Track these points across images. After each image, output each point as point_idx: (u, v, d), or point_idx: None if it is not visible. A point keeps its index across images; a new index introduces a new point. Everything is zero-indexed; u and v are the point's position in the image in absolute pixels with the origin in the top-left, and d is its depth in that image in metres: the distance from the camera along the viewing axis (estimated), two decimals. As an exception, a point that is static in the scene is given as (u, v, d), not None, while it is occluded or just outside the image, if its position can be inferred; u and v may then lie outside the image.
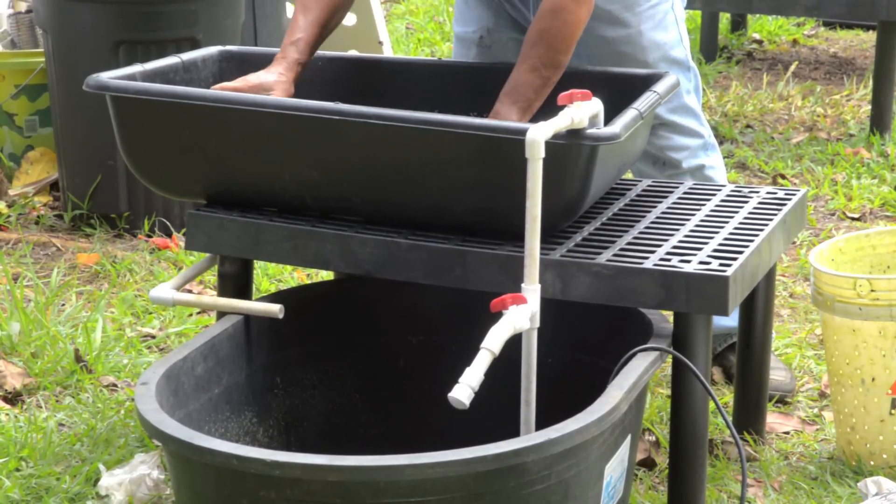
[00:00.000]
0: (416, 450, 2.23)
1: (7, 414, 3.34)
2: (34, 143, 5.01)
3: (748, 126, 5.81)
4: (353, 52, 4.04)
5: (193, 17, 4.51)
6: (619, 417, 2.43)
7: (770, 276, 3.15)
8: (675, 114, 3.37)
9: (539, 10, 2.98)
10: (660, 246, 2.79)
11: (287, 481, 2.20)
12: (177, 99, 2.91)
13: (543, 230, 2.51)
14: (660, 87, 2.98)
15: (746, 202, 3.08)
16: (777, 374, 3.43)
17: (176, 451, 2.35)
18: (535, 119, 2.87)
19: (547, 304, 2.55)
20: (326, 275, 3.91)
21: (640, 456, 3.10)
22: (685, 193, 3.14)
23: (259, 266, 4.18)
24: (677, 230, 2.89)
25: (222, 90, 2.98)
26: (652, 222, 2.95)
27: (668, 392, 3.01)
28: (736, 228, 2.91)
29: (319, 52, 3.46)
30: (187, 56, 3.29)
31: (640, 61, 3.31)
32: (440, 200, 2.81)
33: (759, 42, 7.25)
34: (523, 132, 2.48)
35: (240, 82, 3.04)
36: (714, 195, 3.13)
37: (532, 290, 2.47)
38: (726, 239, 2.84)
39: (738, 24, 7.27)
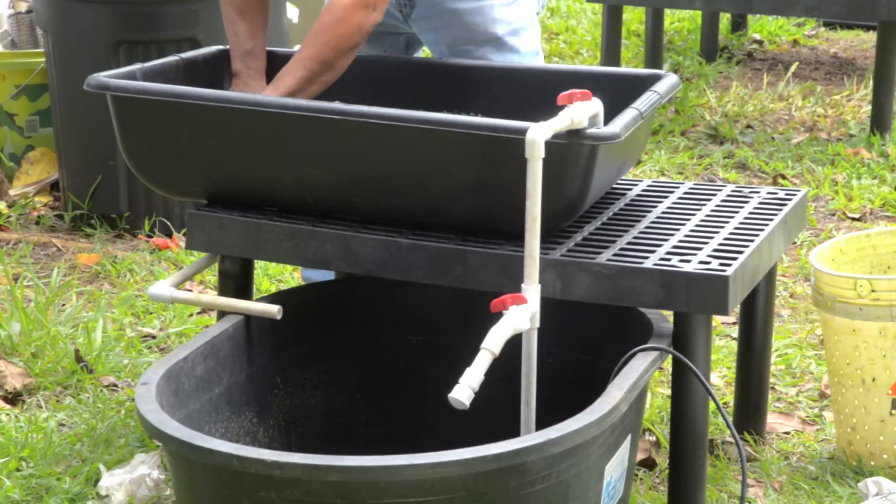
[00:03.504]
0: (416, 450, 2.23)
1: (7, 414, 3.34)
2: (34, 143, 5.01)
3: (749, 126, 5.81)
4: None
5: (193, 17, 4.51)
6: (619, 417, 2.43)
7: (770, 277, 3.15)
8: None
9: (325, 6, 3.04)
10: (660, 246, 2.79)
11: (287, 481, 2.20)
12: (178, 98, 2.91)
13: (543, 230, 2.51)
14: (660, 86, 2.98)
15: (747, 202, 3.08)
16: None
17: (176, 451, 2.35)
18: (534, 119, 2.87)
19: (547, 303, 2.55)
20: (327, 275, 3.91)
21: (640, 456, 3.10)
22: (685, 193, 3.14)
23: (259, 266, 4.18)
24: (677, 230, 2.89)
25: None
26: (652, 222, 2.95)
27: (668, 392, 3.01)
28: (736, 228, 2.91)
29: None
30: (188, 55, 3.29)
31: (489, 33, 3.36)
32: (440, 200, 2.81)
33: (760, 42, 7.25)
34: (523, 132, 2.48)
35: None
36: (714, 195, 3.13)
37: (532, 290, 2.47)
38: (726, 239, 2.84)
39: (739, 25, 7.27)
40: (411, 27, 3.46)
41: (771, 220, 2.97)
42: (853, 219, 4.76)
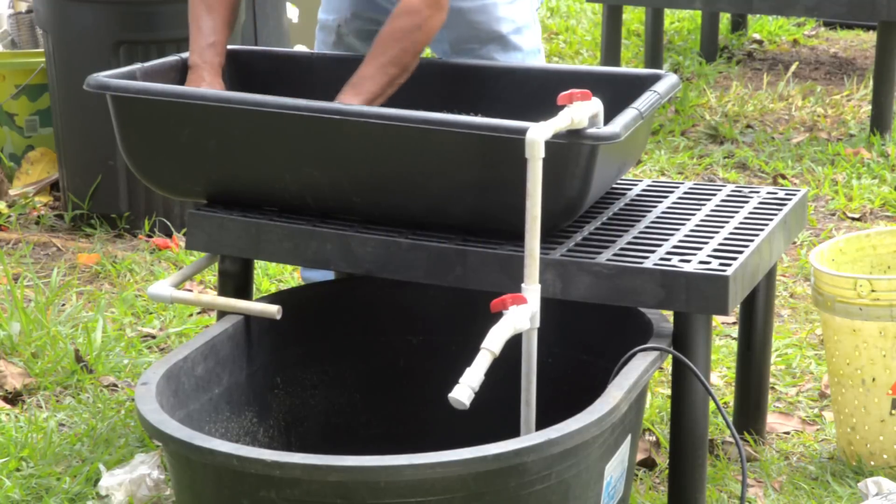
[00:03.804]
0: (416, 450, 2.23)
1: (7, 414, 3.34)
2: (34, 143, 5.01)
3: (749, 126, 5.81)
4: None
5: (194, 18, 4.51)
6: (619, 417, 2.43)
7: (770, 276, 3.15)
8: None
9: (395, 11, 3.05)
10: (660, 246, 2.79)
11: (287, 481, 2.20)
12: (177, 98, 2.91)
13: (543, 230, 2.51)
14: (660, 86, 2.98)
15: (747, 202, 3.08)
16: None
17: (176, 451, 2.35)
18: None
19: (547, 303, 2.55)
20: (327, 275, 3.91)
21: (640, 456, 3.10)
22: (685, 193, 3.14)
23: (259, 266, 4.18)
24: (677, 230, 2.89)
25: None
26: (652, 222, 2.95)
27: (669, 392, 3.01)
28: (736, 228, 2.91)
29: (318, 52, 3.46)
30: (187, 55, 3.29)
31: (493, 31, 3.39)
32: (440, 200, 2.81)
33: (760, 42, 7.25)
34: (523, 132, 2.48)
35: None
36: (714, 195, 3.13)
37: (532, 289, 2.47)
38: (726, 239, 2.84)
39: (739, 25, 7.27)
40: None
41: (771, 219, 2.97)
42: (853, 219, 4.76)
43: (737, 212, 3.01)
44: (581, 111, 2.60)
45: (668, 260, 2.70)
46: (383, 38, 3.05)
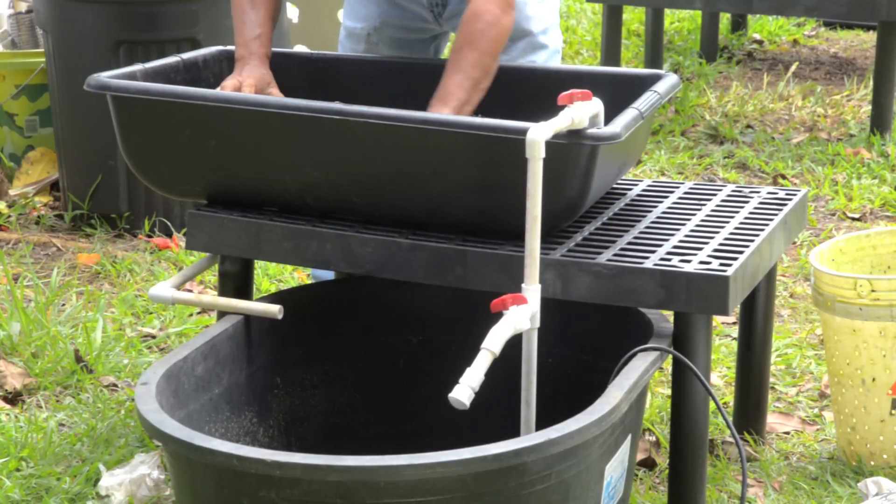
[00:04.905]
0: (416, 450, 2.23)
1: (7, 414, 3.34)
2: (35, 143, 5.02)
3: (749, 126, 5.81)
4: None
5: (194, 17, 4.51)
6: (620, 417, 2.43)
7: (770, 276, 3.15)
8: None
9: (464, 16, 3.04)
10: (660, 246, 2.79)
11: (287, 481, 2.20)
12: (177, 99, 2.91)
13: (544, 230, 2.51)
14: (660, 86, 2.98)
15: (747, 202, 3.08)
16: None
17: (176, 451, 2.35)
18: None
19: (547, 303, 2.55)
20: (327, 275, 3.91)
21: (640, 456, 3.10)
22: (685, 193, 3.14)
23: (259, 266, 4.18)
24: (677, 230, 2.89)
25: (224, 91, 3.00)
26: (652, 222, 2.95)
27: (669, 392, 3.01)
28: (736, 228, 2.91)
29: (317, 52, 3.46)
30: (188, 56, 3.29)
31: (523, 30, 3.38)
32: (440, 200, 2.81)
33: (760, 42, 7.25)
34: (524, 132, 2.48)
35: (244, 86, 3.05)
36: (714, 195, 3.13)
37: (532, 289, 2.47)
38: (727, 239, 2.84)
39: (739, 25, 7.27)
40: (443, 26, 3.45)
41: (771, 220, 2.97)
42: (853, 219, 4.77)
43: (737, 212, 3.01)
44: (581, 111, 2.60)
45: (669, 260, 2.70)
46: (459, 44, 3.03)
